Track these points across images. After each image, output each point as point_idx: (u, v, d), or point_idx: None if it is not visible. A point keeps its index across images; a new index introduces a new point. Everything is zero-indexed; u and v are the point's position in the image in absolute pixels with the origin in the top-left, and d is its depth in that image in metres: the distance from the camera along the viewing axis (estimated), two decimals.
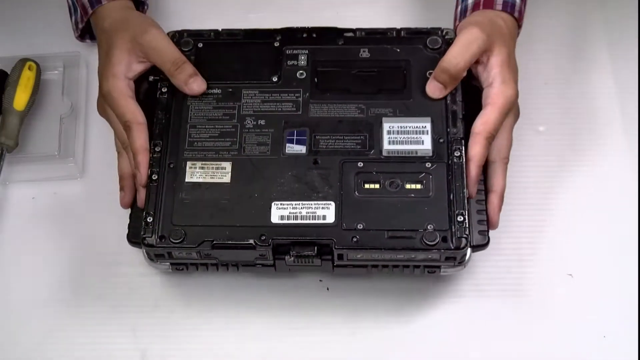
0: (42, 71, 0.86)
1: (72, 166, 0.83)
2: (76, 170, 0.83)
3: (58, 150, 0.83)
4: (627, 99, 0.86)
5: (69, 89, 0.86)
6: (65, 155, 0.83)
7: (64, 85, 0.86)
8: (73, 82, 0.87)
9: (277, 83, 0.78)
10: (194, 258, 0.73)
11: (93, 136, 0.85)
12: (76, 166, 0.83)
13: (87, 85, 0.87)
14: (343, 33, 0.80)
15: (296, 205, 0.72)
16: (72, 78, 0.87)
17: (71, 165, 0.83)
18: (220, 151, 0.75)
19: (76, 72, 0.87)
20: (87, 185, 0.83)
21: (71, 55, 0.88)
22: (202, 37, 0.80)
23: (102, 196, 0.81)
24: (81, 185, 0.83)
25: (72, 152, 0.83)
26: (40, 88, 0.86)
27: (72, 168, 0.83)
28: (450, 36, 0.78)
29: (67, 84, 0.87)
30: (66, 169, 0.83)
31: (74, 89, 0.86)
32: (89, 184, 0.83)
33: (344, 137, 0.75)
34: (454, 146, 0.74)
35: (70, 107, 0.85)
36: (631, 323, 0.76)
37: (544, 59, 0.88)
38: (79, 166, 0.83)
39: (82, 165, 0.84)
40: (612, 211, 0.80)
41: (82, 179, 0.83)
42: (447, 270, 0.73)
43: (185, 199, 0.73)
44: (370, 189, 0.73)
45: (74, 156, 0.83)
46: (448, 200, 0.72)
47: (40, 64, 0.86)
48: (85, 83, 0.87)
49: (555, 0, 0.91)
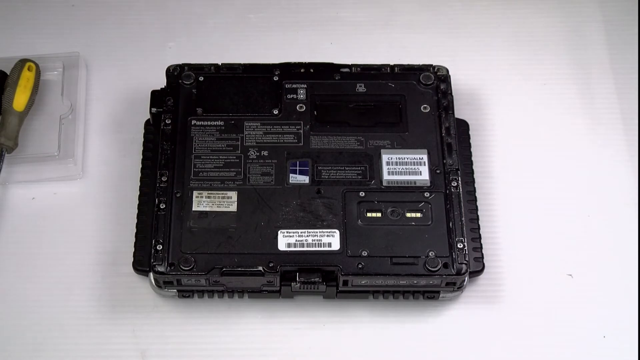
0: (41, 72, 0.86)
1: (72, 166, 0.83)
2: (76, 171, 0.83)
3: (58, 151, 0.83)
4: (627, 99, 0.87)
5: (69, 89, 0.86)
6: (65, 155, 0.83)
7: (63, 86, 0.86)
8: (72, 83, 0.86)
9: (278, 116, 0.81)
10: (202, 285, 0.75)
11: (93, 136, 0.85)
12: (76, 166, 0.83)
13: (87, 85, 0.87)
14: (339, 68, 0.83)
15: (302, 233, 0.75)
16: (72, 78, 0.87)
17: (71, 165, 0.83)
18: (225, 181, 0.77)
19: (76, 73, 0.87)
20: (87, 185, 0.83)
21: (71, 56, 0.87)
22: (203, 71, 0.83)
23: (102, 196, 0.82)
24: (81, 185, 0.83)
25: (71, 152, 0.83)
26: (39, 88, 0.85)
27: (72, 168, 0.83)
28: (442, 72, 0.83)
29: (66, 84, 0.86)
30: (66, 170, 0.83)
31: (74, 89, 0.86)
32: (89, 184, 0.83)
33: (345, 167, 0.78)
34: (450, 177, 0.78)
35: (69, 108, 0.85)
36: (631, 323, 0.77)
37: (544, 59, 0.90)
38: (78, 166, 0.83)
39: (81, 165, 0.84)
40: (612, 211, 0.82)
41: (82, 180, 0.83)
42: (446, 296, 0.77)
43: (193, 227, 0.75)
44: (373, 217, 0.76)
45: (73, 156, 0.83)
46: (447, 228, 0.75)
47: (40, 65, 0.86)
48: (85, 83, 0.87)
49: (555, 1, 0.93)
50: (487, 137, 0.85)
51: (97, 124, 0.86)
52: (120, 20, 0.92)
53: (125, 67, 0.89)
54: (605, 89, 0.88)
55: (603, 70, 0.89)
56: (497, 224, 0.81)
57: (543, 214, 0.82)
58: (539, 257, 0.80)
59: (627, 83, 0.88)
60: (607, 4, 0.93)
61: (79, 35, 0.91)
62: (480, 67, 0.89)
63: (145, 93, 0.83)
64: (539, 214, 0.82)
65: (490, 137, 0.86)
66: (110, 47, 0.90)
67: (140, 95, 0.86)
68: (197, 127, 0.80)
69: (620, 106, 0.87)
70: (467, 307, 0.78)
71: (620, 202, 0.83)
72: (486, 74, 0.89)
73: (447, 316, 0.78)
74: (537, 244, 0.81)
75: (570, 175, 0.84)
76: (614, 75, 0.89)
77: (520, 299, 0.78)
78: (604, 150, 0.85)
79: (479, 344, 0.77)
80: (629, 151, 0.85)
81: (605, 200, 0.83)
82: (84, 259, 0.80)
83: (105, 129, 0.84)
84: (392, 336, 0.77)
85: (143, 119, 0.83)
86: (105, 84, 0.88)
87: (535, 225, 0.81)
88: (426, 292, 0.76)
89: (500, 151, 0.85)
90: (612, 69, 0.89)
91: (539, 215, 0.82)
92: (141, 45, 0.91)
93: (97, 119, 0.82)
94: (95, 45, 0.90)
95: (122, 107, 0.87)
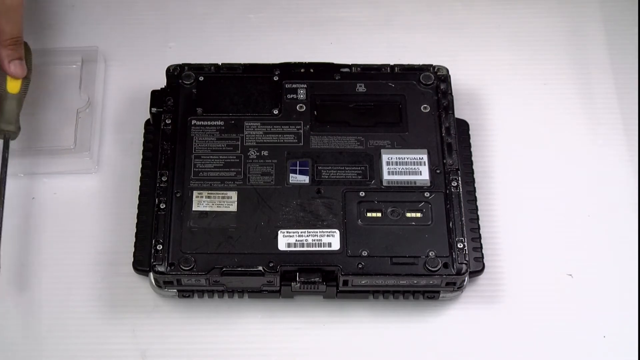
0: (59, 65, 0.86)
1: (88, 160, 0.83)
2: (91, 164, 0.83)
3: (74, 144, 0.83)
4: (627, 99, 0.87)
5: (87, 83, 0.86)
6: (81, 149, 0.83)
7: (81, 79, 0.86)
8: (90, 76, 0.87)
9: (278, 116, 0.81)
10: (202, 285, 0.75)
11: (109, 131, 0.86)
12: (91, 160, 0.83)
13: (105, 79, 0.88)
14: (339, 68, 0.83)
15: (302, 233, 0.75)
16: (90, 72, 0.87)
17: (87, 159, 0.83)
18: (225, 181, 0.77)
19: (94, 67, 0.87)
20: (87, 185, 0.83)
21: (89, 50, 0.88)
22: (203, 71, 0.83)
23: (116, 191, 0.82)
24: (81, 185, 0.83)
25: (87, 146, 0.83)
26: (57, 81, 0.85)
27: (88, 162, 0.83)
28: (442, 72, 0.83)
29: (84, 78, 0.86)
30: (82, 163, 0.83)
31: (91, 83, 0.86)
32: (104, 178, 0.83)
33: (345, 167, 0.78)
34: (450, 177, 0.78)
35: (87, 101, 0.85)
36: (631, 323, 0.77)
37: (544, 59, 0.89)
38: (94, 160, 0.83)
39: (97, 159, 0.84)
40: (612, 211, 0.82)
41: (97, 173, 0.83)
42: (446, 296, 0.77)
43: (193, 227, 0.75)
44: (373, 217, 0.76)
45: (89, 150, 0.83)
46: (447, 228, 0.75)
47: (59, 58, 0.86)
48: (103, 77, 0.88)
49: (555, 1, 0.93)
50: (487, 137, 0.85)
51: (114, 119, 0.86)
52: (120, 20, 0.92)
53: (125, 67, 0.89)
54: (605, 89, 0.88)
55: (603, 70, 0.89)
56: (497, 224, 0.81)
57: (543, 214, 0.82)
58: (539, 257, 0.80)
59: (627, 83, 0.88)
60: (607, 4, 0.93)
61: (79, 36, 0.90)
62: (480, 67, 0.89)
63: (145, 93, 0.83)
64: (539, 214, 0.82)
65: (490, 137, 0.86)
66: (110, 47, 0.90)
67: (140, 95, 0.86)
68: (197, 127, 0.80)
69: (620, 106, 0.87)
70: (467, 307, 0.78)
71: (620, 202, 0.83)
72: (486, 74, 0.89)
73: (447, 316, 0.78)
74: (537, 244, 0.80)
75: (570, 175, 0.84)
76: (614, 75, 0.89)
77: (520, 299, 0.78)
78: (604, 150, 0.85)
79: (479, 344, 0.77)
80: (629, 151, 0.85)
81: (605, 200, 0.83)
82: (84, 259, 0.80)
83: (105, 129, 0.84)
84: (392, 336, 0.77)
85: (143, 118, 0.83)
86: (105, 83, 0.88)
87: (535, 225, 0.81)
88: (426, 292, 0.76)
89: (500, 151, 0.85)
90: (612, 69, 0.89)
91: (539, 215, 0.82)
92: (141, 45, 0.91)
93: (114, 114, 0.83)
94: (114, 38, 0.90)
95: (122, 107, 0.87)
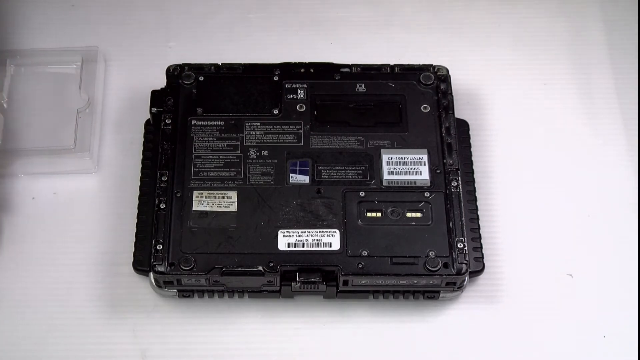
0: (59, 65, 0.86)
1: (88, 160, 0.83)
2: (91, 164, 0.83)
3: (74, 144, 0.83)
4: (627, 99, 0.87)
5: (87, 83, 0.86)
6: (81, 149, 0.83)
7: (81, 79, 0.86)
8: (90, 76, 0.87)
9: (278, 116, 0.81)
10: (202, 285, 0.75)
11: (109, 131, 0.86)
12: (91, 160, 0.83)
13: (105, 79, 0.88)
14: (339, 68, 0.83)
15: (302, 233, 0.75)
16: (90, 72, 0.87)
17: (87, 159, 0.83)
18: (225, 181, 0.77)
19: (94, 67, 0.87)
20: (86, 185, 0.83)
21: (89, 50, 0.88)
22: (203, 71, 0.83)
23: (116, 191, 0.82)
24: (96, 179, 0.83)
25: (87, 146, 0.83)
26: (57, 81, 0.85)
27: (88, 162, 0.83)
28: (442, 72, 0.83)
29: (84, 78, 0.87)
30: (82, 163, 0.83)
31: (91, 83, 0.86)
32: (104, 178, 0.83)
33: (345, 167, 0.78)
34: (450, 177, 0.78)
35: (87, 101, 0.85)
36: (631, 323, 0.77)
37: (544, 59, 0.89)
38: (94, 160, 0.83)
39: (97, 159, 0.84)
40: (612, 211, 0.82)
41: (97, 173, 0.83)
42: (446, 296, 0.77)
43: (193, 227, 0.75)
44: (373, 217, 0.76)
45: (89, 150, 0.83)
46: (447, 228, 0.75)
47: (59, 58, 0.86)
48: (103, 77, 0.88)
49: (555, 1, 0.93)
50: (487, 137, 0.85)
51: (114, 119, 0.86)
52: (120, 20, 0.92)
53: (125, 67, 0.89)
54: (605, 89, 0.88)
55: (603, 70, 0.89)
56: (497, 224, 0.81)
57: (543, 214, 0.82)
58: (539, 257, 0.80)
59: (627, 83, 0.88)
60: (607, 4, 0.93)
61: (79, 36, 0.90)
62: (480, 67, 0.89)
63: (145, 93, 0.83)
64: (539, 214, 0.82)
65: (490, 137, 0.86)
66: (110, 47, 0.90)
67: (140, 95, 0.86)
68: (197, 127, 0.80)
69: (620, 106, 0.87)
70: (467, 307, 0.78)
71: (620, 202, 0.82)
72: (486, 74, 0.89)
73: (447, 316, 0.78)
74: (537, 244, 0.80)
75: (570, 175, 0.84)
76: (614, 75, 0.89)
77: (520, 299, 0.78)
78: (604, 150, 0.85)
79: (479, 343, 0.77)
80: (629, 151, 0.85)
81: (605, 200, 0.83)
82: (84, 259, 0.80)
83: (105, 129, 0.84)
84: (392, 336, 0.77)
85: (143, 118, 0.83)
86: (105, 83, 0.88)
87: (535, 225, 0.81)
88: (426, 292, 0.76)
89: (500, 151, 0.85)
90: (612, 69, 0.89)
91: (539, 215, 0.82)
92: (141, 45, 0.91)
93: (114, 114, 0.83)
94: (115, 37, 0.90)
95: (122, 107, 0.87)
